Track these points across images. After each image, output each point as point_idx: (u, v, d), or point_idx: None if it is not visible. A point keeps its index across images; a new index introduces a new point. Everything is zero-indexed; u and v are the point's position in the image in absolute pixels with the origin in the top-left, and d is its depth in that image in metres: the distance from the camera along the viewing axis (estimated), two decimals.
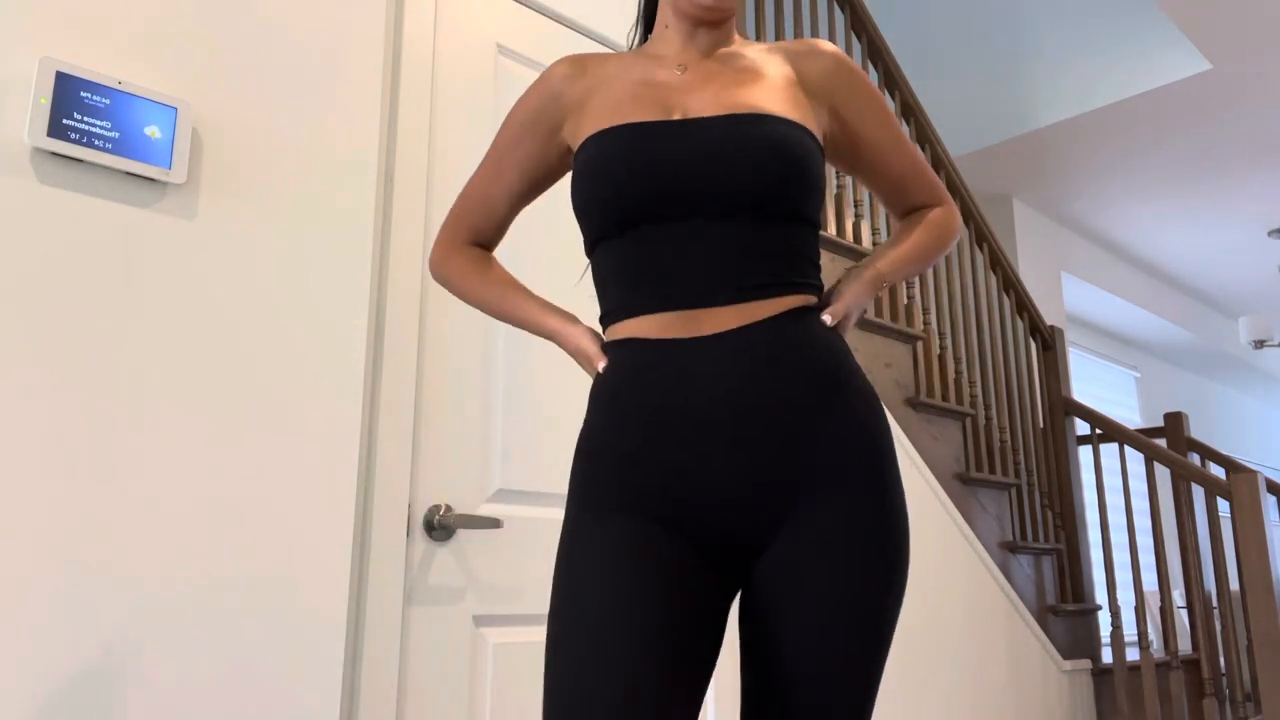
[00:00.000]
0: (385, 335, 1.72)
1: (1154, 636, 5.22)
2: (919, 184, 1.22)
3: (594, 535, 0.99)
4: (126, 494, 1.38)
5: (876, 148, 1.18)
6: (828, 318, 1.05)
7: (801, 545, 0.97)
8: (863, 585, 0.96)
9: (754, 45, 1.19)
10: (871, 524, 0.98)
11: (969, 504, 3.20)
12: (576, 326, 1.12)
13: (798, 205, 1.04)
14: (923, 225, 1.20)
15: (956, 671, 2.93)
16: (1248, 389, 8.39)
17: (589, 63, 1.18)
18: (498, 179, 1.22)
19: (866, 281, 1.11)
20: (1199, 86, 4.36)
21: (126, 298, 1.42)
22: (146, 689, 1.36)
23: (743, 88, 1.10)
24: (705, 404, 0.98)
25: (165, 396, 1.43)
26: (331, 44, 1.72)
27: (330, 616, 1.55)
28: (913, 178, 1.21)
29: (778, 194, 1.02)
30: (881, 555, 0.97)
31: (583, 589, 0.96)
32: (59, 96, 1.37)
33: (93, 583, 1.33)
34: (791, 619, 0.96)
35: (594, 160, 1.06)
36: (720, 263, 1.01)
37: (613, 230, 1.05)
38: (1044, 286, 5.43)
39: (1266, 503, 3.19)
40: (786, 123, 1.06)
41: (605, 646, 0.91)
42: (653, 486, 0.99)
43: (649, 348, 1.02)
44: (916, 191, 1.22)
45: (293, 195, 1.62)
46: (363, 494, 1.64)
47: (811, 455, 0.98)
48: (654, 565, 0.96)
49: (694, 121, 1.06)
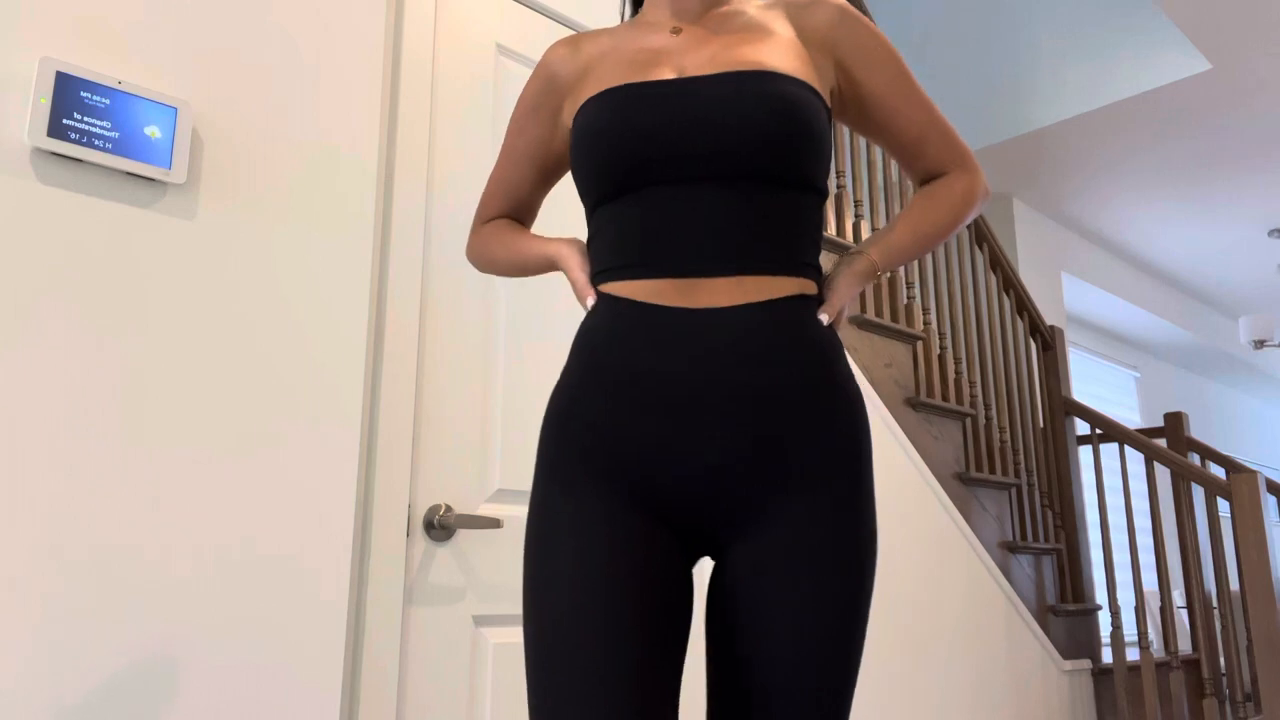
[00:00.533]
0: (385, 335, 1.72)
1: (1154, 636, 5.22)
2: (936, 143, 1.12)
3: (563, 517, 0.96)
4: (125, 494, 1.38)
5: (887, 103, 1.10)
6: (824, 317, 1.00)
7: (779, 547, 0.94)
8: (838, 593, 0.94)
9: (753, 2, 1.13)
10: (849, 534, 0.96)
11: (969, 504, 3.20)
12: (573, 247, 1.09)
13: (806, 170, 0.99)
14: (930, 200, 1.11)
15: (956, 671, 2.93)
16: (1248, 389, 8.39)
17: (582, 41, 1.15)
18: (513, 170, 1.22)
19: (859, 274, 1.05)
20: (1199, 86, 4.36)
21: (126, 298, 1.42)
22: (146, 690, 1.36)
23: (743, 45, 1.04)
24: (694, 378, 0.94)
25: (165, 397, 1.43)
26: (331, 44, 1.72)
27: (330, 616, 1.55)
28: (929, 135, 1.11)
29: (784, 157, 0.97)
30: (856, 566, 0.95)
31: (556, 595, 0.92)
32: (59, 96, 1.37)
33: (91, 583, 1.33)
34: (764, 626, 0.94)
35: (588, 124, 1.03)
36: (721, 231, 0.96)
37: (608, 195, 1.01)
38: (1044, 286, 5.43)
39: (1266, 503, 3.18)
40: (792, 80, 1.01)
41: (583, 670, 0.88)
42: (625, 456, 0.96)
43: (638, 310, 0.98)
44: (934, 152, 1.12)
45: (293, 195, 1.62)
46: (363, 494, 1.64)
47: (796, 454, 0.95)
48: (625, 558, 0.93)
49: (691, 80, 1.01)
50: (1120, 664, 3.36)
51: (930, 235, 1.10)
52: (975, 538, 3.14)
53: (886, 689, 2.66)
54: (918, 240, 1.09)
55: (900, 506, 2.88)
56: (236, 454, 1.49)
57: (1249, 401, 8.56)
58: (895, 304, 3.20)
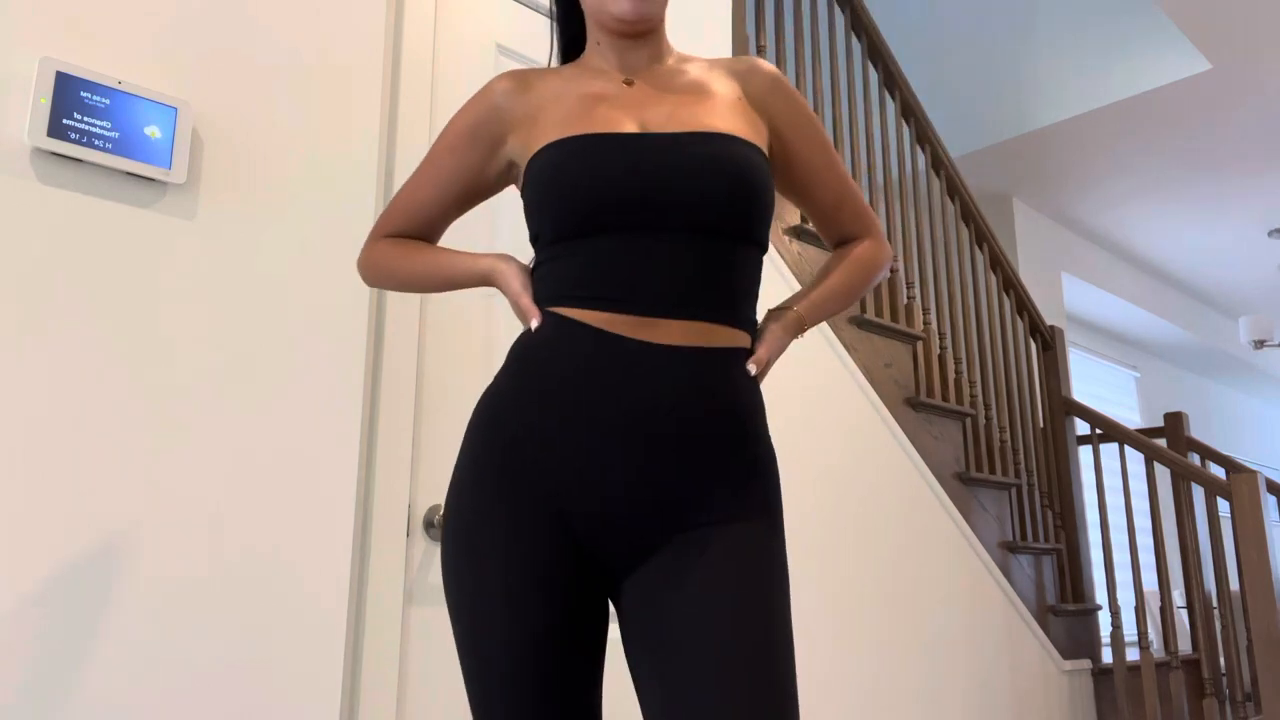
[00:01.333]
0: (385, 335, 1.72)
1: (1154, 636, 5.22)
2: (851, 210, 1.24)
3: (484, 532, 1.01)
4: (125, 493, 1.38)
5: (812, 170, 1.20)
6: (752, 367, 1.06)
7: (690, 581, 0.97)
8: (753, 618, 0.95)
9: (693, 60, 1.20)
10: (761, 574, 0.98)
11: (969, 504, 3.20)
12: (513, 265, 1.11)
13: (757, 229, 1.07)
14: (846, 263, 1.22)
15: (956, 671, 2.93)
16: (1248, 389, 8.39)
17: (531, 77, 1.18)
18: (429, 185, 1.20)
19: (786, 326, 1.12)
20: (1199, 86, 4.36)
21: (126, 298, 1.42)
22: (145, 687, 1.36)
23: (698, 105, 1.11)
24: (648, 408, 0.98)
25: (165, 396, 1.43)
26: (332, 44, 1.72)
27: (330, 616, 1.55)
28: (845, 202, 1.23)
29: (742, 216, 1.05)
30: (767, 604, 0.97)
31: (485, 627, 1.00)
32: (59, 96, 1.37)
33: (89, 581, 1.33)
34: (689, 660, 0.94)
35: (554, 167, 1.06)
36: (677, 277, 1.02)
37: (567, 234, 1.04)
38: (1044, 286, 5.43)
39: (1266, 503, 3.18)
40: (745, 144, 1.08)
41: (515, 701, 0.99)
42: (558, 477, 1.00)
43: (591, 333, 1.01)
44: (848, 219, 1.24)
45: (293, 195, 1.62)
46: (363, 494, 1.64)
47: (714, 498, 1.00)
48: (546, 587, 0.99)
49: (656, 136, 1.07)
50: (1120, 664, 3.36)
51: (850, 293, 1.22)
52: (975, 538, 3.14)
53: (886, 689, 2.66)
54: (837, 297, 1.20)
55: (900, 506, 2.88)
56: (236, 454, 1.49)
57: (1249, 402, 8.56)
58: (895, 304, 3.20)
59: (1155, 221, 5.80)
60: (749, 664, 0.92)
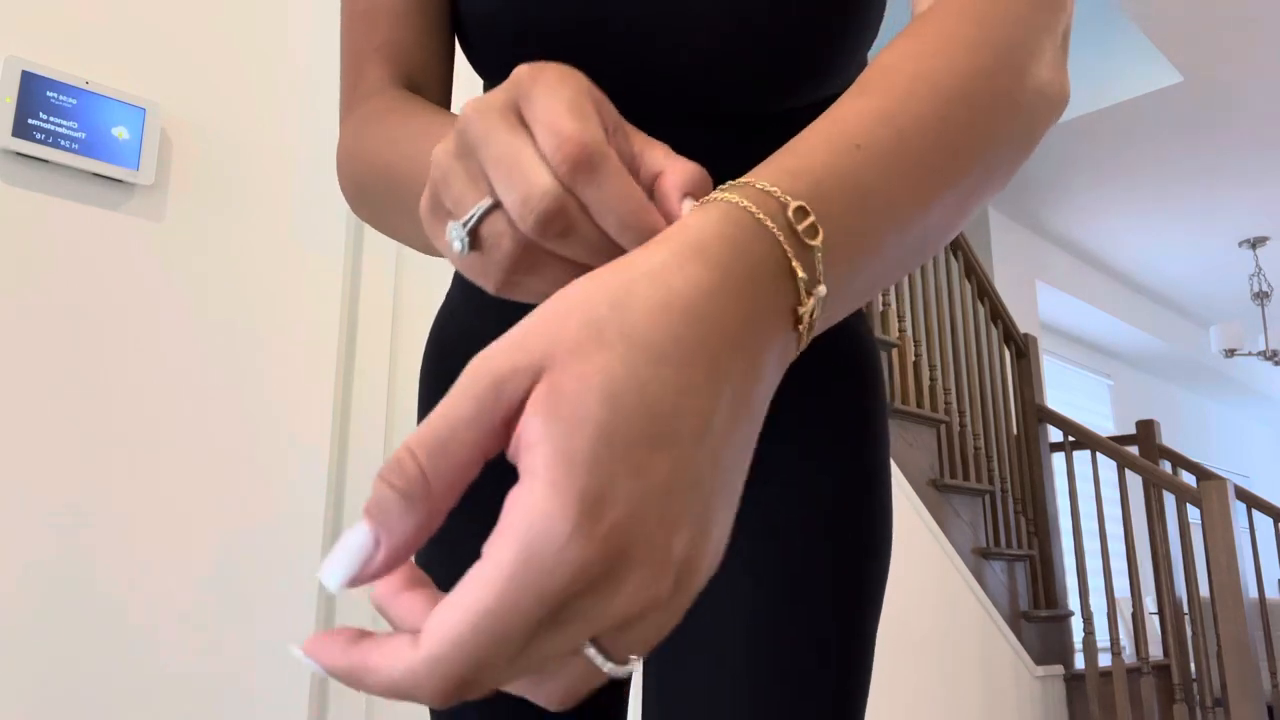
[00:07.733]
0: (358, 334, 1.71)
1: (1126, 642, 5.26)
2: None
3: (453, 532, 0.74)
4: (98, 492, 1.36)
5: None
6: None
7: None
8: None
9: None
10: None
11: (943, 510, 3.21)
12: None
13: (844, 76, 0.59)
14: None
15: (929, 677, 2.94)
16: (1218, 397, 8.49)
17: None
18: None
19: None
20: (1171, 98, 4.42)
21: (93, 301, 1.40)
22: (148, 683, 1.34)
23: None
24: None
25: (134, 398, 1.42)
26: (302, 46, 1.70)
27: (302, 611, 1.53)
28: None
29: (802, 77, 0.56)
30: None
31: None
32: (24, 96, 1.35)
33: (86, 578, 1.31)
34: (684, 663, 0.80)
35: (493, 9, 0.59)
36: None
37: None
38: (1019, 295, 5.48)
39: (1235, 510, 3.22)
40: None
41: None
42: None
43: None
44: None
45: (263, 196, 1.61)
46: (334, 486, 1.63)
47: None
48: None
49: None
50: (1092, 669, 3.38)
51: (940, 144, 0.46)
52: (949, 544, 3.15)
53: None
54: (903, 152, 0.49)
55: None
56: (207, 455, 1.47)
57: (1219, 409, 8.66)
58: (870, 311, 3.22)
59: (1128, 232, 5.87)
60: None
